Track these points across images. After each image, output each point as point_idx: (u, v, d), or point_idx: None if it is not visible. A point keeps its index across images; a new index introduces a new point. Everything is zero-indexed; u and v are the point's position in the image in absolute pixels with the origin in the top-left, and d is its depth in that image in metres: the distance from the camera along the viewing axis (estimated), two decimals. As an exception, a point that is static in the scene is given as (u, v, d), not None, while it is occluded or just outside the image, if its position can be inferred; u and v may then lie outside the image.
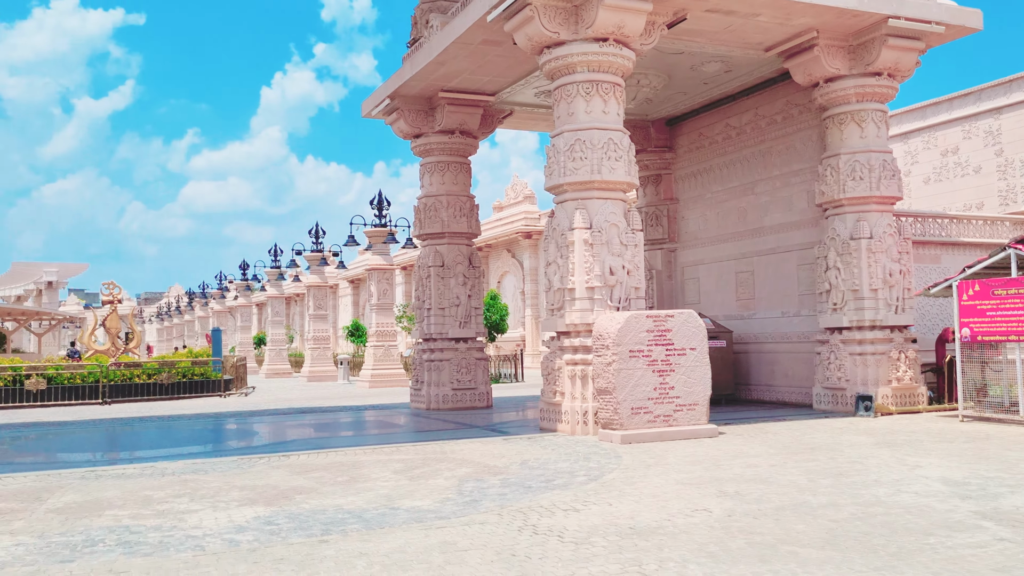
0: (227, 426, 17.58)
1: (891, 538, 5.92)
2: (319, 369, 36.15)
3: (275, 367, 42.01)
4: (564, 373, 12.37)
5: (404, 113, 17.52)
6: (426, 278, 17.74)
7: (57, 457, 13.01)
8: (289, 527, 6.75)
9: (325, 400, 23.79)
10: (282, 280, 43.03)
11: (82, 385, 24.45)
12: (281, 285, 43.16)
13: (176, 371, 26.35)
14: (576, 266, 12.19)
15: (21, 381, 23.64)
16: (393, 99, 17.47)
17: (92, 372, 24.86)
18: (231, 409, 21.51)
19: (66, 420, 18.95)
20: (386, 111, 18.10)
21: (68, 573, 5.48)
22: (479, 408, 17.45)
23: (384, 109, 18.06)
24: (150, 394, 25.26)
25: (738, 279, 17.80)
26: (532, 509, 7.15)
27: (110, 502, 8.07)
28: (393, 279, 32.32)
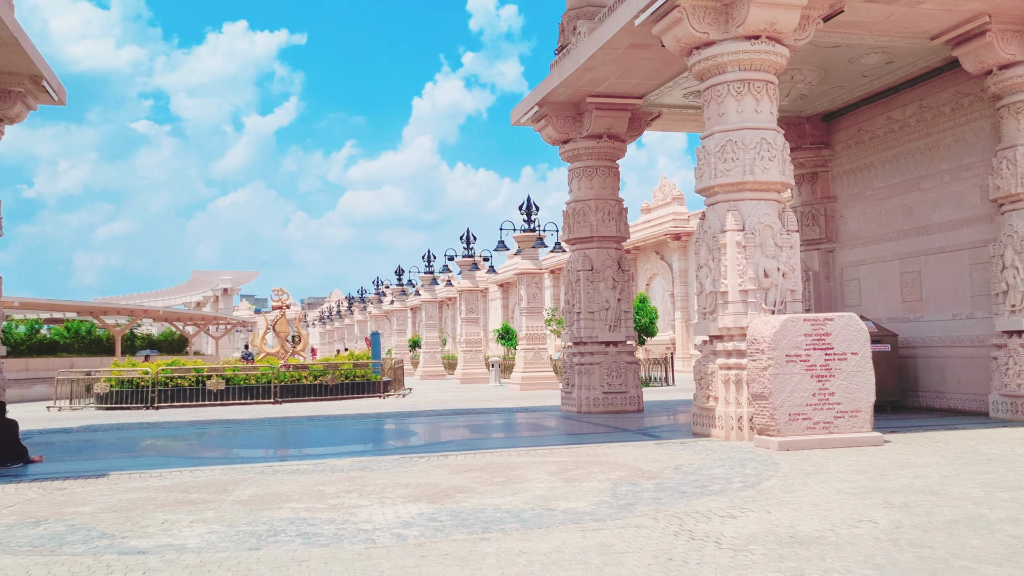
0: (387, 426, 18.30)
1: (1079, 556, 5.53)
2: (471, 371, 36.96)
3: (429, 369, 43.30)
4: (717, 378, 12.18)
5: (552, 120, 17.72)
6: (575, 282, 17.84)
7: (238, 453, 13.87)
8: (452, 524, 6.98)
9: (477, 402, 24.31)
10: (435, 285, 44.36)
11: (256, 385, 26.10)
12: (434, 290, 44.48)
13: (339, 373, 27.65)
14: (728, 269, 11.97)
15: (203, 382, 25.53)
16: (541, 106, 17.71)
17: (264, 374, 26.48)
18: (390, 410, 22.35)
19: (243, 418, 20.22)
20: (534, 118, 18.36)
21: (256, 560, 5.91)
22: (630, 412, 17.36)
23: (532, 116, 18.34)
24: (316, 395, 26.64)
25: (903, 280, 16.86)
26: (688, 514, 7.10)
27: (288, 496, 8.58)
28: (542, 283, 32.65)
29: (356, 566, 5.67)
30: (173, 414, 22.52)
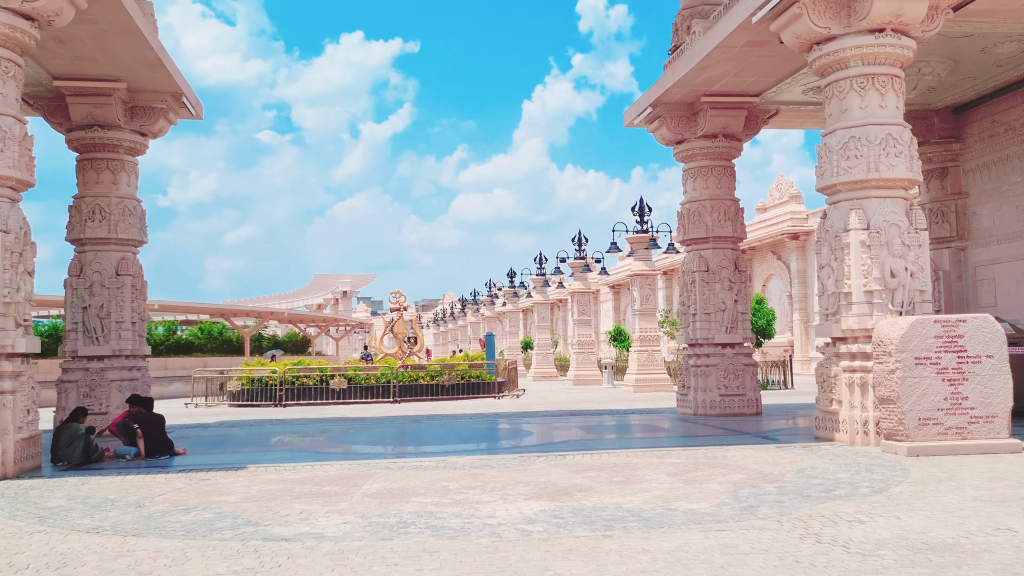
0: (503, 426, 18.58)
1: None
2: (583, 373, 37.00)
3: (541, 371, 43.57)
4: (841, 380, 11.88)
5: (666, 120, 17.62)
6: (691, 283, 17.68)
7: (362, 449, 14.39)
8: (574, 521, 7.08)
9: (592, 403, 24.34)
10: (547, 287, 44.58)
11: (375, 385, 26.90)
12: (546, 292, 44.71)
13: (455, 374, 28.19)
14: (852, 269, 11.65)
15: (327, 381, 26.51)
16: (654, 107, 17.63)
17: (384, 374, 27.27)
18: (505, 410, 22.65)
19: (364, 416, 20.92)
20: (648, 119, 18.30)
21: (390, 550, 6.19)
22: (747, 415, 17.08)
23: (646, 118, 18.29)
24: (432, 394, 27.23)
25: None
26: (813, 518, 6.99)
27: (414, 490, 8.90)
28: (655, 284, 32.37)
29: (484, 558, 5.86)
30: (299, 411, 23.47)
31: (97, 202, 15.80)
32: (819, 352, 12.80)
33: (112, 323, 15.83)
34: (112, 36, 13.29)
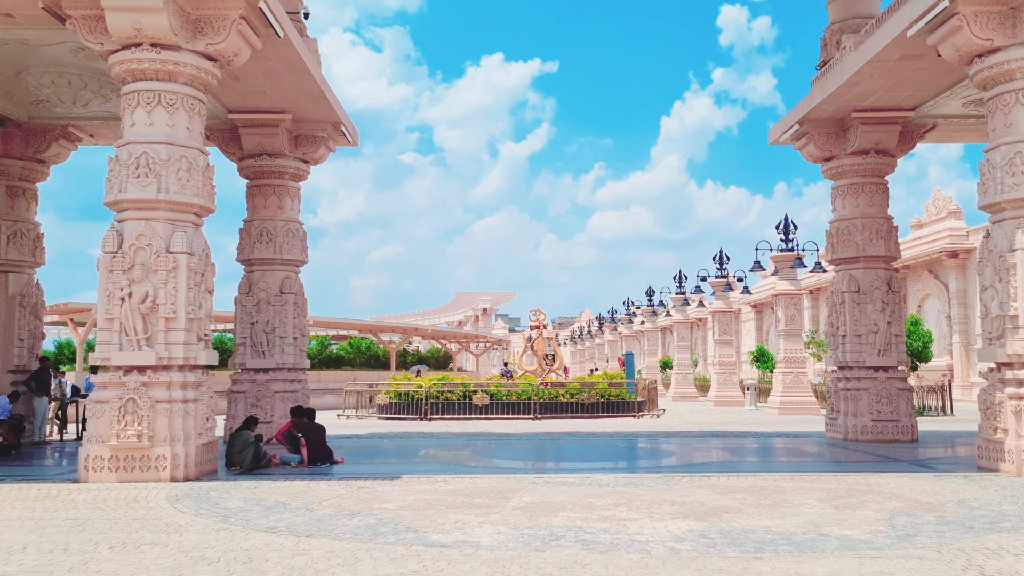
0: (643, 445, 18.49)
1: None
2: (725, 394, 36.31)
3: (681, 390, 43.01)
4: (1007, 408, 11.25)
5: (814, 137, 17.27)
6: (840, 304, 17.18)
7: (507, 464, 14.68)
8: (722, 542, 7.11)
9: (734, 425, 23.89)
10: (686, 306, 44.03)
11: (516, 401, 27.26)
12: (686, 310, 44.16)
13: (595, 392, 28.25)
14: (1019, 291, 11.08)
15: (469, 396, 27.14)
16: (802, 124, 17.31)
17: (525, 390, 27.65)
18: (645, 430, 22.52)
19: (506, 432, 21.31)
20: (795, 136, 17.98)
21: (543, 560, 6.42)
22: (902, 441, 16.38)
23: (793, 135, 17.97)
24: (572, 412, 27.38)
25: None
26: (976, 550, 6.75)
27: (561, 505, 9.09)
28: (801, 304, 31.46)
29: (635, 572, 5.99)
30: (443, 425, 24.13)
31: (264, 225, 16.91)
32: (982, 377, 12.21)
33: (276, 338, 16.83)
34: (281, 72, 14.24)
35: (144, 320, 11.25)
